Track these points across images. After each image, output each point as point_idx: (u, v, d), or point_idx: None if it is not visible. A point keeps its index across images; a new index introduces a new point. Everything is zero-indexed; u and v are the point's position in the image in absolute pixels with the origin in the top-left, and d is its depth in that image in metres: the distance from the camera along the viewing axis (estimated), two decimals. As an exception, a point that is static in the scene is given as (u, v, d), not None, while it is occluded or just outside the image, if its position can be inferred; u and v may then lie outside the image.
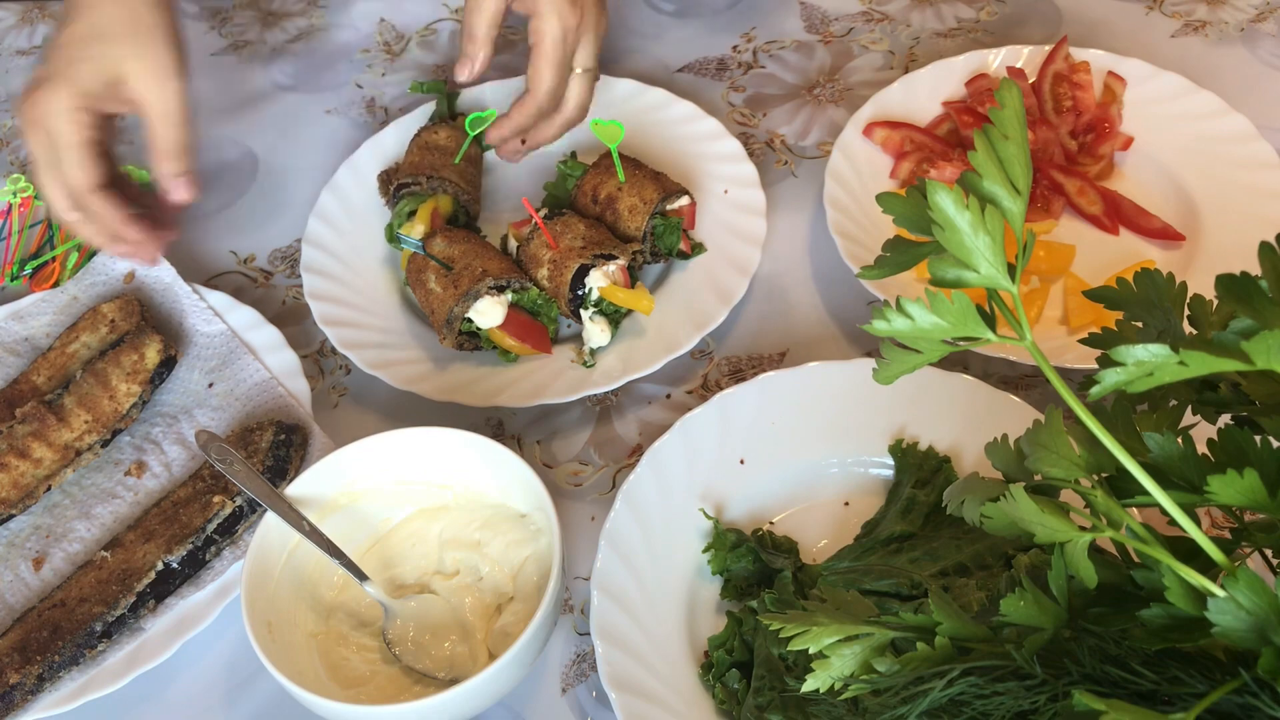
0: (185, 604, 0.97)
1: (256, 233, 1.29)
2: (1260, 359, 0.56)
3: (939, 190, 0.61)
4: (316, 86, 1.44)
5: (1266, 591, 0.57)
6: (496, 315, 1.08)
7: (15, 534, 1.04)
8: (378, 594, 0.91)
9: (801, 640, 0.70)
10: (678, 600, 0.92)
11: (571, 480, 1.05)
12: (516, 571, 0.93)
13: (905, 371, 0.66)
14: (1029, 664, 0.63)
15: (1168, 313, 0.72)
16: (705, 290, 1.12)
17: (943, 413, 0.98)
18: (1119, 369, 0.59)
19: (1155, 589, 0.62)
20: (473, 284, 1.07)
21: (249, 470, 0.94)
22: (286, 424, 1.04)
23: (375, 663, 0.91)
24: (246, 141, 1.39)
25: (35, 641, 0.92)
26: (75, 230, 1.06)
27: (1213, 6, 1.39)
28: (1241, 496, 0.59)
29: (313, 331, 1.17)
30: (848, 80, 1.36)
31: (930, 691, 0.64)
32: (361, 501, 0.96)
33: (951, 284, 0.63)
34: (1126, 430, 0.65)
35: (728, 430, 1.00)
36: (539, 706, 0.92)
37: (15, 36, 1.56)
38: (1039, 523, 0.63)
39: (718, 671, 0.87)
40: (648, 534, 0.94)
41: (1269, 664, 0.57)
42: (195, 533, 0.97)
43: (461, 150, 1.22)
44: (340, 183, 1.25)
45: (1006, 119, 0.63)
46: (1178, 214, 1.15)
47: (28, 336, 1.17)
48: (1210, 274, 0.67)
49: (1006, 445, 0.70)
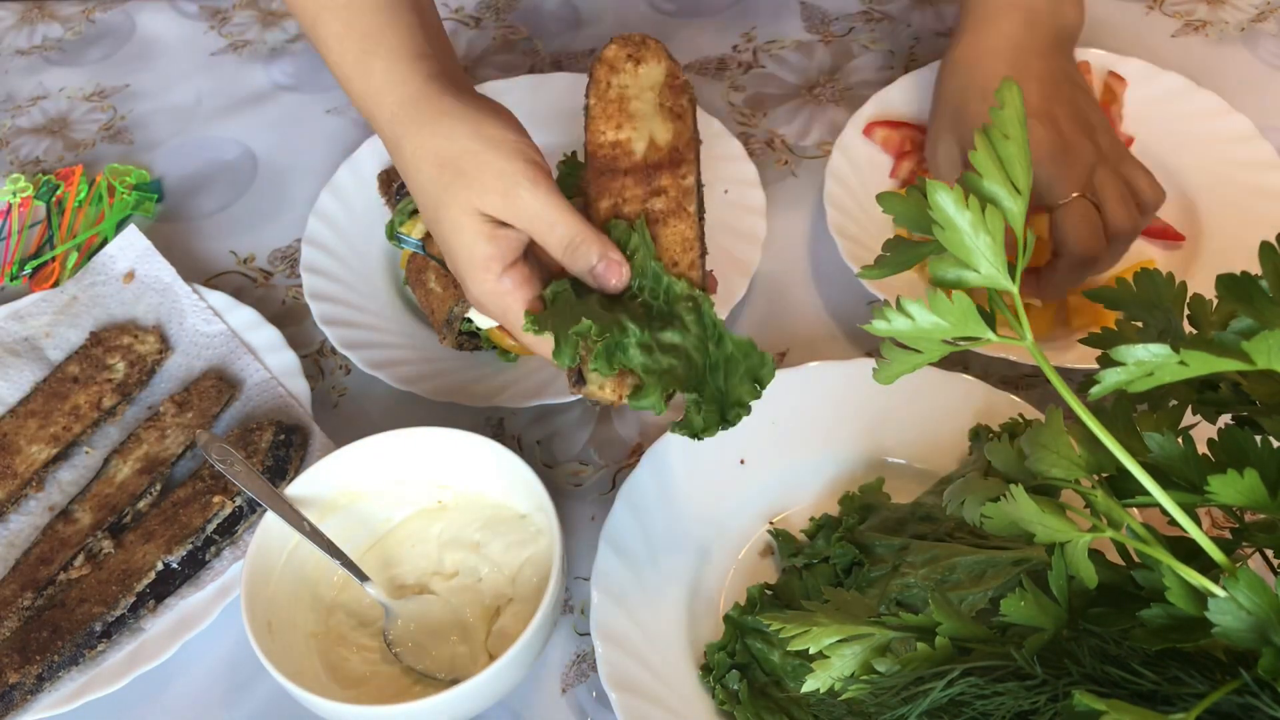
0: (185, 604, 0.97)
1: (256, 233, 1.29)
2: (1261, 359, 0.56)
3: (939, 190, 0.62)
4: (316, 86, 1.44)
5: (1267, 592, 0.57)
6: (496, 315, 1.08)
7: (15, 534, 1.04)
8: (378, 594, 0.91)
9: (801, 640, 0.70)
10: (678, 600, 0.92)
11: (571, 480, 1.05)
12: (516, 573, 0.93)
13: (905, 371, 0.66)
14: (1029, 664, 0.63)
15: (1168, 312, 0.72)
16: (705, 290, 1.12)
17: (943, 413, 0.98)
18: (1119, 369, 0.59)
19: (1155, 589, 0.62)
20: (473, 284, 1.07)
21: (249, 470, 0.94)
22: (286, 424, 1.04)
23: (375, 663, 0.91)
24: (246, 141, 1.39)
25: (35, 641, 0.92)
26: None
27: (1213, 6, 1.39)
28: (1242, 496, 0.59)
29: (313, 331, 1.17)
30: (848, 80, 1.36)
31: (930, 692, 0.64)
32: (361, 501, 0.96)
33: (952, 284, 0.63)
34: (1126, 430, 0.65)
35: (728, 430, 1.00)
36: (539, 706, 0.92)
37: (15, 36, 1.56)
38: (1039, 523, 0.63)
39: (718, 673, 0.87)
40: (648, 534, 0.94)
41: (1269, 664, 0.57)
42: (195, 533, 0.97)
43: (462, 150, 1.22)
44: (340, 183, 1.25)
45: (1006, 119, 0.63)
46: (1178, 214, 1.15)
47: (27, 336, 1.17)
48: (1210, 274, 0.67)
49: (1006, 445, 0.70)
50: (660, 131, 0.90)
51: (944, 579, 0.83)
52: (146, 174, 1.34)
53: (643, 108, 0.90)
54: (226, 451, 0.95)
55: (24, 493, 1.05)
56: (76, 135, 1.42)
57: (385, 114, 0.88)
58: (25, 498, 1.05)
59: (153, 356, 1.12)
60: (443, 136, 0.85)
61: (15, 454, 1.06)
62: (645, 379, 0.79)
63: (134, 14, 1.56)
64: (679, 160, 0.89)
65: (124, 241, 1.21)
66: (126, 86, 1.47)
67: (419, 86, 0.88)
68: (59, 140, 1.42)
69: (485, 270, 0.83)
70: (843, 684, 0.69)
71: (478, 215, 0.83)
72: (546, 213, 0.82)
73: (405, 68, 0.89)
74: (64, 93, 1.47)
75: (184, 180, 1.36)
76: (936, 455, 0.97)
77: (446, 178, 0.84)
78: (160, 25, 1.54)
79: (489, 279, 0.83)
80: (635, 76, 0.91)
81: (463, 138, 0.84)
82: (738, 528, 0.97)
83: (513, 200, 0.82)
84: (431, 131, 0.86)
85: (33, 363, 1.14)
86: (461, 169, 0.83)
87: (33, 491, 1.05)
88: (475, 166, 0.83)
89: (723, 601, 0.93)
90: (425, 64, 0.90)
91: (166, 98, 1.45)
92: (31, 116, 1.45)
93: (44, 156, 1.40)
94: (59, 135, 1.42)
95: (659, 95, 0.91)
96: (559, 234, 0.82)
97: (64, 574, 0.98)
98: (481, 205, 0.82)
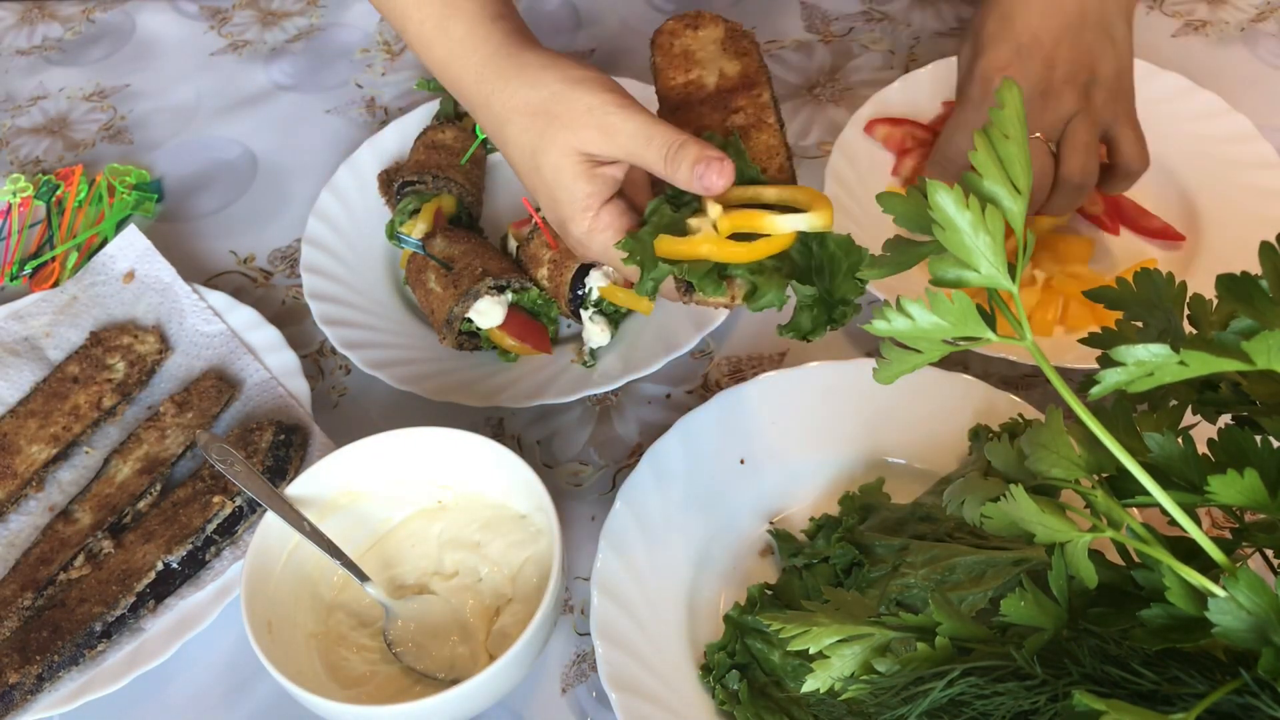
0: (185, 604, 0.97)
1: (256, 233, 1.29)
2: (1260, 359, 0.56)
3: (939, 190, 0.62)
4: (316, 86, 1.44)
5: (1267, 591, 0.57)
6: (496, 315, 1.08)
7: (15, 534, 1.04)
8: (379, 595, 0.91)
9: (801, 640, 0.70)
10: (678, 600, 0.92)
11: (571, 480, 1.05)
12: (516, 573, 0.93)
13: (905, 371, 0.66)
14: (1029, 664, 0.63)
15: (1168, 312, 0.72)
16: (705, 290, 1.12)
17: (943, 413, 0.98)
18: (1119, 369, 0.59)
19: (1155, 589, 0.62)
20: (473, 284, 1.07)
21: (249, 470, 0.94)
22: (286, 424, 1.04)
23: (375, 663, 0.91)
24: (246, 141, 1.39)
25: (35, 641, 0.92)
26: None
27: (1213, 6, 1.39)
28: (1242, 496, 0.60)
29: (313, 331, 1.17)
30: (848, 80, 1.36)
31: (930, 692, 0.64)
32: (361, 501, 0.96)
33: (952, 284, 0.63)
34: (1126, 430, 0.65)
35: (728, 430, 1.00)
36: (539, 706, 0.92)
37: (15, 36, 1.56)
38: (1039, 523, 0.63)
39: (718, 673, 0.87)
40: (648, 534, 0.94)
41: (1269, 664, 0.57)
42: (195, 533, 0.97)
43: (469, 153, 1.22)
44: (340, 183, 1.25)
45: (1006, 119, 0.63)
46: (1178, 214, 1.15)
47: (27, 336, 1.17)
48: (1210, 274, 0.68)
49: (1006, 445, 0.70)
50: (728, 67, 0.92)
51: (944, 579, 0.83)
52: (146, 174, 1.34)
53: (707, 56, 0.93)
54: (226, 451, 0.95)
55: (24, 493, 1.05)
56: (76, 135, 1.42)
57: (471, 74, 0.90)
58: (25, 498, 1.05)
59: (153, 356, 1.12)
60: (529, 85, 0.86)
61: (15, 454, 1.06)
62: (757, 281, 0.78)
63: (134, 14, 1.56)
64: (751, 83, 0.90)
65: (124, 241, 1.22)
66: (126, 86, 1.47)
67: (500, 44, 0.89)
68: (59, 140, 1.42)
69: (584, 210, 0.84)
70: (843, 684, 0.69)
71: (576, 155, 0.84)
72: (642, 129, 0.82)
73: (485, 29, 0.90)
74: (64, 93, 1.47)
75: (184, 180, 1.36)
76: (936, 455, 0.97)
77: (540, 124, 0.85)
78: (160, 25, 1.54)
79: (587, 218, 0.85)
80: (695, 37, 0.94)
81: (550, 83, 0.85)
82: (738, 528, 0.97)
83: (607, 129, 0.83)
84: (519, 83, 0.87)
85: (33, 363, 1.14)
86: (554, 113, 0.84)
87: (33, 491, 1.05)
88: (566, 107, 0.84)
89: (723, 601, 0.93)
90: (503, 24, 0.91)
91: (166, 98, 1.45)
92: (31, 116, 1.45)
93: (44, 156, 1.40)
94: (59, 135, 1.42)
95: (720, 45, 0.93)
96: (657, 145, 0.82)
97: (64, 574, 0.98)
98: (579, 144, 0.84)
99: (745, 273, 0.79)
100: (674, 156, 0.81)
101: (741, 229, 0.79)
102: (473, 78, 0.90)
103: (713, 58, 0.93)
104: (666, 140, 0.81)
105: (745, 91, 0.90)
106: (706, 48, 0.94)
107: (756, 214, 0.79)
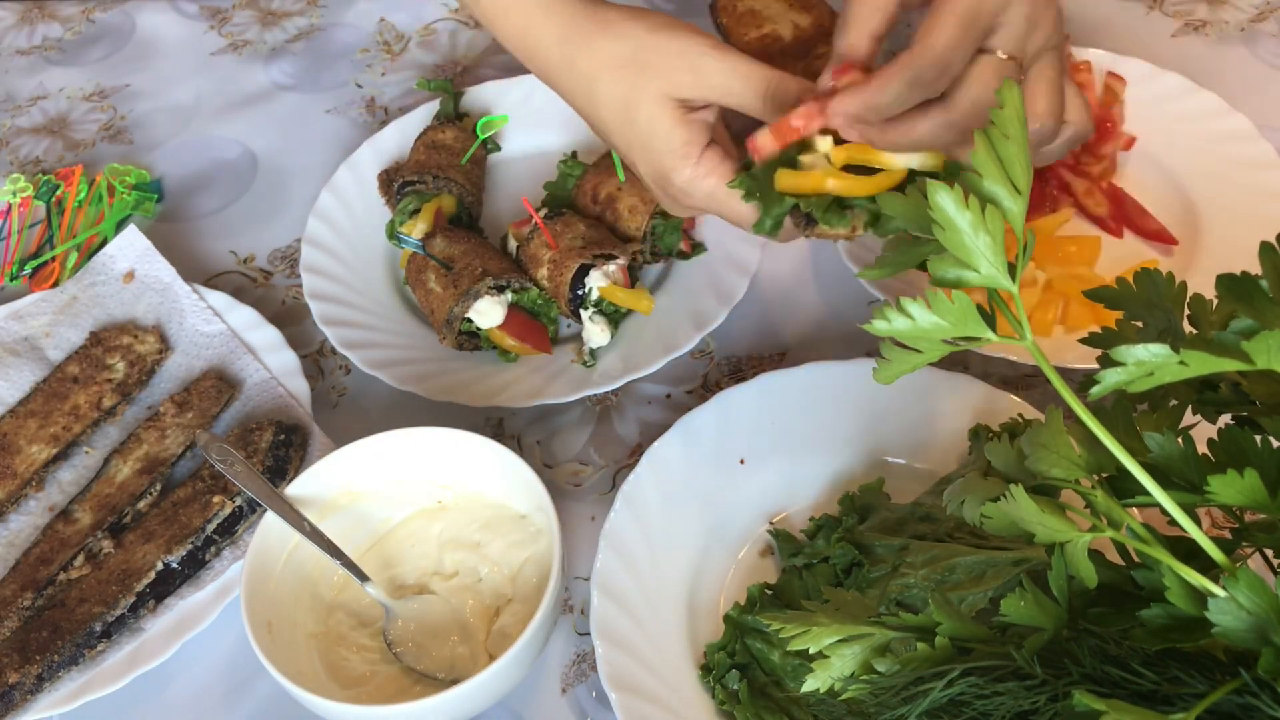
0: (185, 604, 0.97)
1: (256, 233, 1.29)
2: (1260, 359, 0.56)
3: (939, 190, 0.62)
4: (316, 86, 1.44)
5: (1267, 591, 0.57)
6: (496, 315, 1.08)
7: (15, 534, 1.04)
8: (378, 594, 0.91)
9: (801, 640, 0.70)
10: (678, 600, 0.92)
11: (571, 480, 1.05)
12: (516, 573, 0.93)
13: (905, 371, 0.66)
14: (1029, 664, 0.63)
15: (1168, 312, 0.72)
16: (705, 290, 1.12)
17: (943, 413, 0.98)
18: (1119, 369, 0.59)
19: (1155, 589, 0.62)
20: (473, 284, 1.07)
21: (249, 470, 0.94)
22: (286, 424, 1.04)
23: (375, 663, 0.91)
24: (246, 141, 1.39)
25: (35, 641, 0.92)
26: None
27: (1213, 6, 1.39)
28: (1242, 496, 0.60)
29: (313, 331, 1.17)
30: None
31: (930, 692, 0.64)
32: (361, 501, 0.96)
33: (952, 284, 0.63)
34: (1126, 430, 0.65)
35: (728, 430, 1.00)
36: (539, 706, 0.92)
37: (15, 36, 1.56)
38: (1039, 523, 0.63)
39: (718, 673, 0.87)
40: (648, 534, 0.94)
41: (1269, 664, 0.57)
42: (195, 533, 0.97)
43: (469, 152, 1.22)
44: (340, 183, 1.25)
45: (1006, 119, 0.63)
46: (1178, 214, 1.15)
47: (27, 336, 1.17)
48: (1210, 274, 0.67)
49: (1006, 445, 0.70)
50: (800, 19, 0.94)
51: (944, 579, 0.83)
52: (146, 174, 1.34)
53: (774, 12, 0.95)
54: (226, 451, 0.95)
55: (24, 493, 1.05)
56: (76, 135, 1.42)
57: (551, 37, 0.89)
58: (25, 498, 1.05)
59: (152, 356, 1.12)
60: (615, 38, 0.85)
61: (15, 454, 1.06)
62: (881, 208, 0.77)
63: (134, 14, 1.56)
64: (828, 31, 0.91)
65: (124, 241, 1.21)
66: (126, 86, 1.47)
67: (578, 6, 0.89)
68: (59, 140, 1.42)
69: (685, 157, 0.84)
70: (843, 684, 0.69)
71: (670, 102, 0.83)
72: (738, 68, 0.82)
73: None
74: (64, 93, 1.47)
75: (184, 180, 1.36)
76: (936, 455, 0.97)
77: (630, 76, 0.84)
78: (160, 25, 1.54)
79: (688, 165, 0.84)
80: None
81: (636, 34, 0.85)
82: (738, 528, 0.97)
83: (700, 71, 0.82)
84: (606, 38, 0.86)
85: (33, 363, 1.14)
86: (644, 63, 0.84)
87: (33, 491, 1.05)
88: (656, 55, 0.84)
89: (723, 601, 0.93)
90: None
91: (166, 98, 1.45)
92: (31, 116, 1.45)
93: (44, 156, 1.40)
94: (59, 135, 1.42)
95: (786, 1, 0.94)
96: (755, 84, 0.81)
97: (64, 574, 0.98)
98: (672, 90, 0.83)
99: (865, 203, 0.78)
100: (773, 95, 0.80)
101: (856, 161, 0.78)
102: (554, 39, 0.88)
103: (781, 13, 0.95)
104: (764, 78, 0.80)
105: (825, 40, 0.90)
106: (770, 6, 0.96)
107: (868, 148, 0.79)
